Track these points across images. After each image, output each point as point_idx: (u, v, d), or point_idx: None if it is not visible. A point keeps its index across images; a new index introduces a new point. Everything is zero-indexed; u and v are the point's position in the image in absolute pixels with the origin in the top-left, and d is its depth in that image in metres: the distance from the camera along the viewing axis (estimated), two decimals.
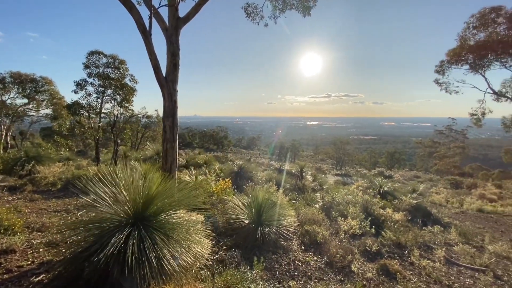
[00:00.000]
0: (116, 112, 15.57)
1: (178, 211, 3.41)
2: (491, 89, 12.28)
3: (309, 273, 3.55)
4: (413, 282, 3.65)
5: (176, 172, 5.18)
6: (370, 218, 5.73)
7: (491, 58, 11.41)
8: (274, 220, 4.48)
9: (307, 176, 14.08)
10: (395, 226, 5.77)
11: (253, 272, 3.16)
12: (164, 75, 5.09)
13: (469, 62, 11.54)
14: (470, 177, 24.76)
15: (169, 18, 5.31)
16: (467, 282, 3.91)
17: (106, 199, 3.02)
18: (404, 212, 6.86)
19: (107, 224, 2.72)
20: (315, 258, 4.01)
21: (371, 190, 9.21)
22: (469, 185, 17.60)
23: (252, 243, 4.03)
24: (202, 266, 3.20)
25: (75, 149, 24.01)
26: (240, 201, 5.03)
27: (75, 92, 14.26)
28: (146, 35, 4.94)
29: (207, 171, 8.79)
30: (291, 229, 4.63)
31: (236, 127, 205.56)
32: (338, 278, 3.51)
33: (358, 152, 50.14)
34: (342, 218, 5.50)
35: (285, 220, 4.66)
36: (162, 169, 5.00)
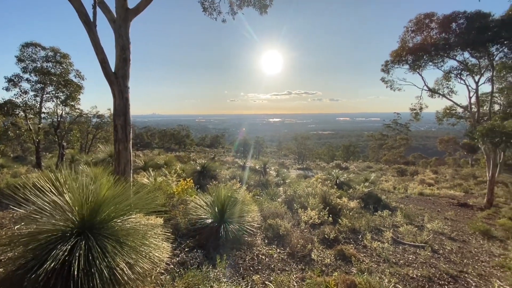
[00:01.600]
0: (60, 112, 13.97)
1: (133, 216, 3.20)
2: (427, 86, 13.92)
3: (272, 266, 3.64)
4: (366, 263, 3.98)
5: (131, 174, 4.85)
6: (328, 207, 6.10)
7: (426, 59, 12.91)
8: (238, 217, 4.49)
9: (270, 171, 14.39)
10: (351, 214, 6.22)
11: (216, 270, 3.13)
12: (113, 71, 4.70)
13: (408, 62, 12.91)
14: (413, 165, 27.87)
15: (117, 9, 4.91)
16: (410, 258, 4.40)
17: (47, 209, 2.69)
18: (358, 200, 7.44)
19: (48, 236, 2.43)
20: (278, 250, 4.12)
21: (329, 182, 9.78)
22: (412, 172, 19.81)
23: (216, 242, 3.98)
24: (163, 271, 3.07)
25: (11, 155, 21.03)
26: (203, 200, 4.92)
27: (6, 90, 12.43)
28: (89, 26, 4.50)
29: (167, 172, 8.42)
30: (255, 224, 4.69)
31: (198, 126, 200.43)
32: (299, 267, 3.66)
33: (318, 146, 52.90)
34: (303, 210, 5.74)
35: (249, 216, 4.69)
36: (115, 172, 4.64)
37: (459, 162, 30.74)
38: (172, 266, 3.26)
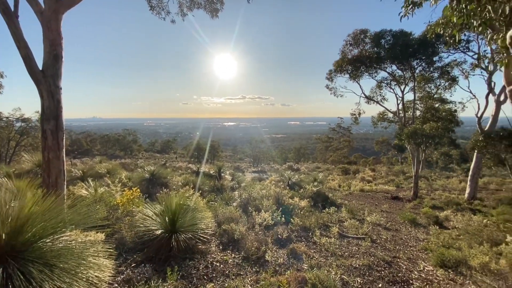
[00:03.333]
0: None
1: (68, 233, 2.82)
2: (364, 94, 15.69)
3: (227, 272, 3.59)
4: (316, 258, 4.23)
5: (65, 186, 4.28)
6: (281, 208, 6.32)
7: (363, 70, 14.54)
8: (191, 225, 4.32)
9: (225, 176, 14.26)
10: (302, 212, 6.55)
11: (167, 284, 2.95)
12: (40, 69, 4.11)
13: (348, 72, 14.37)
14: (355, 164, 30.80)
15: (46, 0, 4.32)
16: (353, 249, 4.84)
17: None
18: (308, 199, 7.88)
19: None
20: (233, 255, 4.10)
21: (282, 183, 10.15)
22: (354, 171, 21.88)
23: (166, 254, 3.76)
24: None
25: None
26: (152, 210, 4.61)
27: None
28: (9, 17, 3.87)
29: (110, 182, 7.65)
30: (209, 231, 4.59)
31: (147, 130, 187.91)
32: (254, 270, 3.70)
33: (271, 149, 54.52)
34: (257, 212, 5.83)
35: (203, 223, 4.56)
36: (44, 184, 4.04)
37: (391, 160, 35.15)
38: (116, 285, 2.97)
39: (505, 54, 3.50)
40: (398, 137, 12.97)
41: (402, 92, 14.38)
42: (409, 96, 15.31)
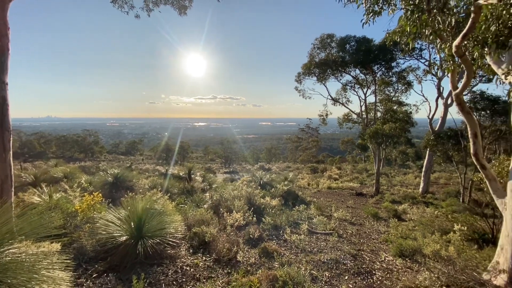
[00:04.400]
0: None
1: (16, 245, 2.53)
2: (330, 96, 16.49)
3: (197, 275, 3.51)
4: (286, 256, 4.33)
5: (12, 193, 3.84)
6: (253, 208, 6.36)
7: (329, 73, 15.25)
8: (158, 230, 4.15)
9: (196, 177, 13.94)
10: (273, 211, 6.66)
11: None
12: None
13: (316, 75, 14.98)
14: (323, 163, 32.13)
15: None
16: (322, 245, 5.04)
17: None
18: (279, 198, 8.04)
19: None
20: (204, 258, 4.02)
21: (253, 183, 10.20)
22: (322, 170, 22.80)
23: (132, 261, 3.56)
24: None
25: None
26: (115, 216, 4.33)
27: None
28: None
29: (67, 187, 7.03)
30: (179, 235, 4.45)
31: (110, 130, 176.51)
32: (225, 271, 3.66)
33: (243, 150, 54.55)
34: (228, 213, 5.79)
35: (171, 227, 4.40)
36: None
37: (356, 159, 37.30)
38: None
39: (451, 62, 3.91)
40: (361, 137, 13.83)
41: (365, 94, 15.37)
42: (371, 99, 16.46)
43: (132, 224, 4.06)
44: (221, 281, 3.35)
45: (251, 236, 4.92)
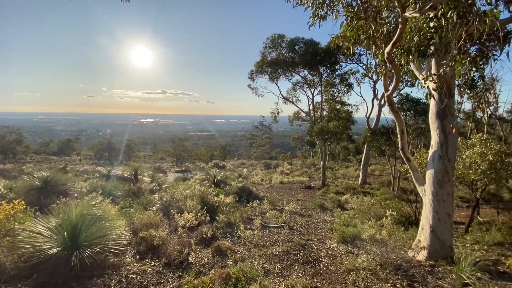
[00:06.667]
0: None
1: None
2: (281, 95, 17.15)
3: (145, 283, 3.28)
4: (240, 252, 4.35)
5: None
6: (206, 207, 6.21)
7: (280, 72, 15.81)
8: (98, 238, 3.74)
9: (143, 178, 13.01)
10: (227, 209, 6.62)
11: None
12: None
13: (268, 73, 15.38)
14: (275, 159, 33.32)
15: None
16: (274, 238, 5.21)
17: None
18: (233, 195, 8.03)
19: None
20: (153, 264, 3.77)
21: (207, 181, 10.00)
22: (275, 165, 23.64)
23: (66, 275, 3.14)
24: None
25: None
26: (44, 225, 3.76)
27: None
28: None
29: None
30: (123, 241, 4.08)
31: (38, 127, 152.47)
32: (176, 275, 3.50)
33: (197, 147, 52.94)
34: (179, 214, 5.55)
35: (114, 234, 4.01)
36: None
37: (305, 154, 39.65)
38: None
39: (384, 67, 4.41)
40: (309, 133, 14.75)
41: (312, 94, 16.39)
42: (318, 98, 17.62)
43: (65, 233, 3.57)
44: (171, 285, 3.19)
45: (204, 236, 4.80)
